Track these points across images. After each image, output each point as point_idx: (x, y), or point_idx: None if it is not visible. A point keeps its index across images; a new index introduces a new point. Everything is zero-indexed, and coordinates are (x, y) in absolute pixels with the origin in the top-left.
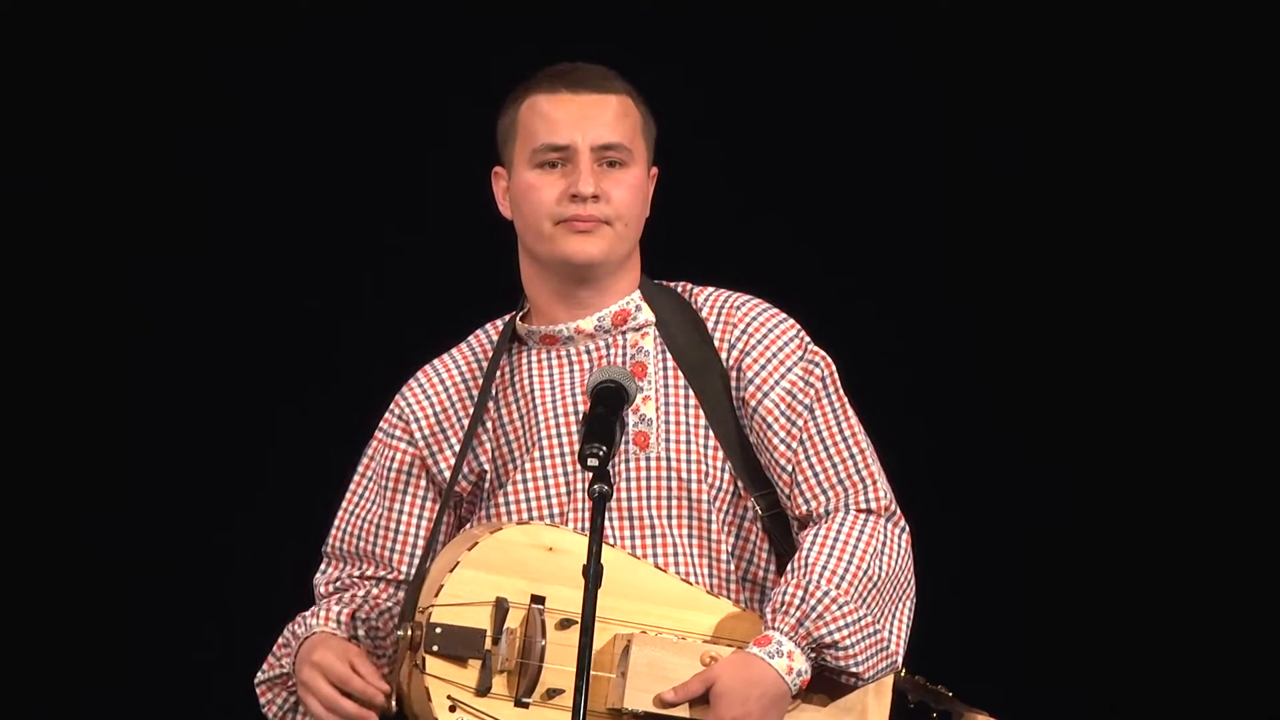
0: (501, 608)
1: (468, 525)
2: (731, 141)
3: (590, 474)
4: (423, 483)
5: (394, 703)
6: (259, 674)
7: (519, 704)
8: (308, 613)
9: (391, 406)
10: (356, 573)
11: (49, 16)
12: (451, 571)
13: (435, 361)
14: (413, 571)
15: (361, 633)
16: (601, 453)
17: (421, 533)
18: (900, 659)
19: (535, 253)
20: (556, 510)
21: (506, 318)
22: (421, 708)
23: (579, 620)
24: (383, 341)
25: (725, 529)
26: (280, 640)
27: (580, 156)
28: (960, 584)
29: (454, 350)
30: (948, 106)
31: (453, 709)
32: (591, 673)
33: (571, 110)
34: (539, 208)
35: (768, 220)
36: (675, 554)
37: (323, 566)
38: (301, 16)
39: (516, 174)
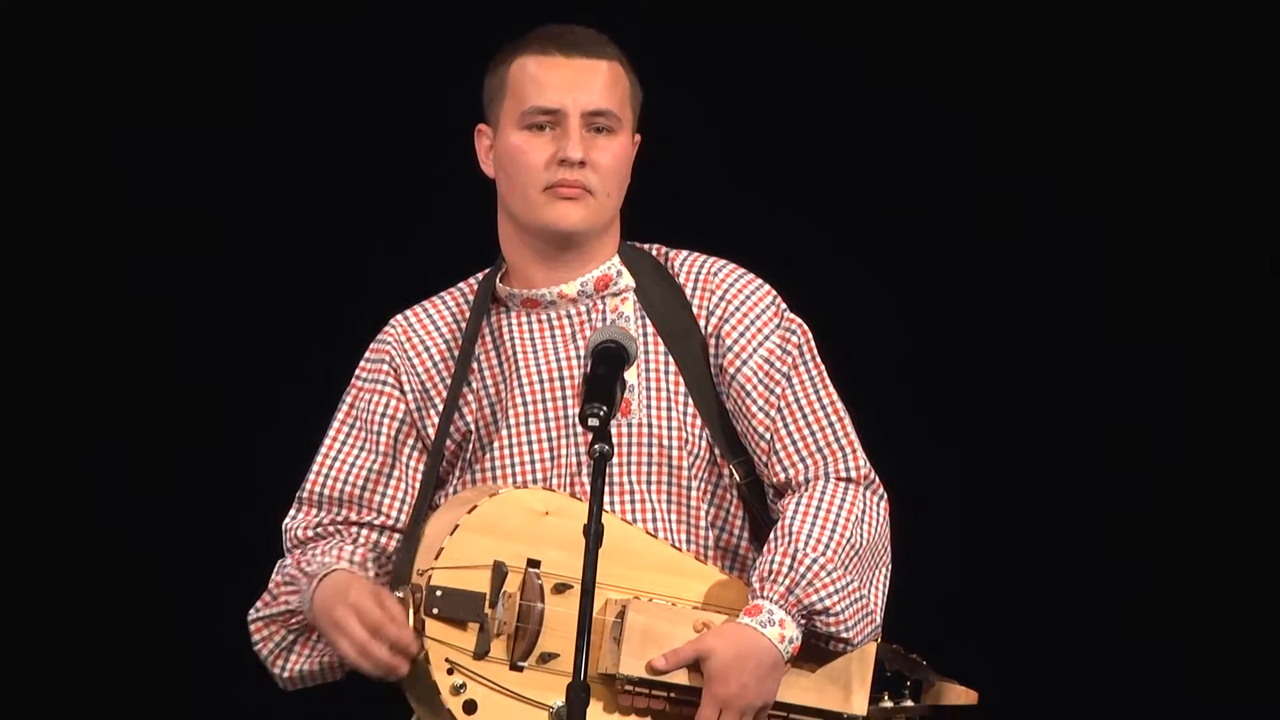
0: (500, 572)
1: (448, 487)
2: (716, 107)
3: (590, 434)
4: (414, 432)
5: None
6: (253, 610)
7: (514, 667)
8: (315, 551)
9: (371, 355)
10: (340, 518)
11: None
12: (451, 534)
13: (410, 316)
14: (403, 518)
15: (372, 575)
16: (602, 413)
17: (411, 482)
18: (880, 625)
19: (517, 216)
20: (540, 475)
21: (481, 276)
22: (419, 669)
23: (574, 584)
24: (361, 296)
25: (703, 496)
26: (280, 579)
27: (570, 121)
28: (940, 556)
29: (428, 305)
30: (936, 83)
31: (450, 671)
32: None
33: (564, 74)
34: (526, 171)
35: (747, 185)
36: (654, 520)
37: (293, 512)
38: None
39: (503, 134)
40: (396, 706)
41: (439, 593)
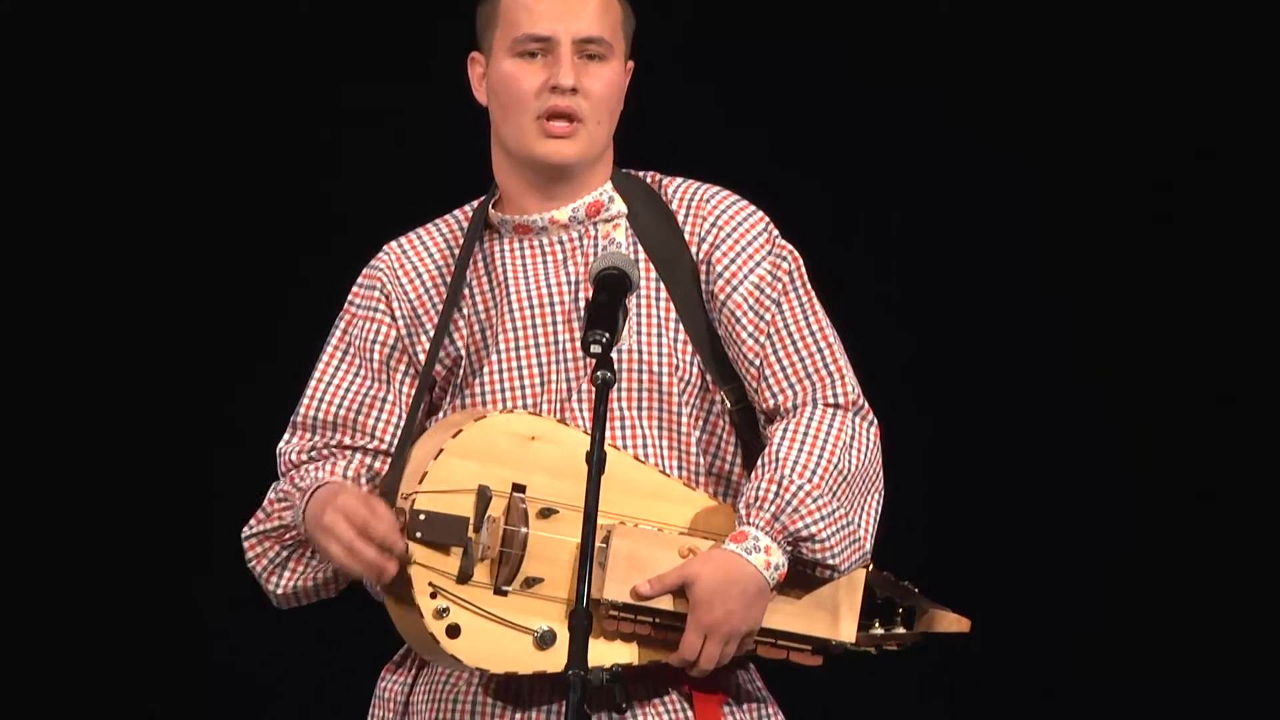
0: (484, 496)
1: (439, 414)
2: (711, 37)
3: (590, 361)
4: (405, 358)
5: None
6: (247, 527)
7: (498, 592)
8: (309, 468)
9: (363, 281)
10: (334, 442)
11: None
12: (435, 459)
13: (404, 242)
14: (395, 444)
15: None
16: (605, 339)
17: (404, 406)
18: (870, 551)
19: (509, 145)
20: (530, 402)
21: (476, 203)
22: (402, 593)
23: (559, 509)
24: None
25: (694, 422)
26: (274, 496)
27: (561, 48)
28: (930, 481)
29: (422, 232)
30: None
31: (434, 595)
32: (569, 563)
33: (555, 1)
34: (518, 99)
35: (742, 117)
36: (645, 446)
37: (288, 436)
38: None
39: (495, 62)
40: (389, 638)
41: (422, 516)
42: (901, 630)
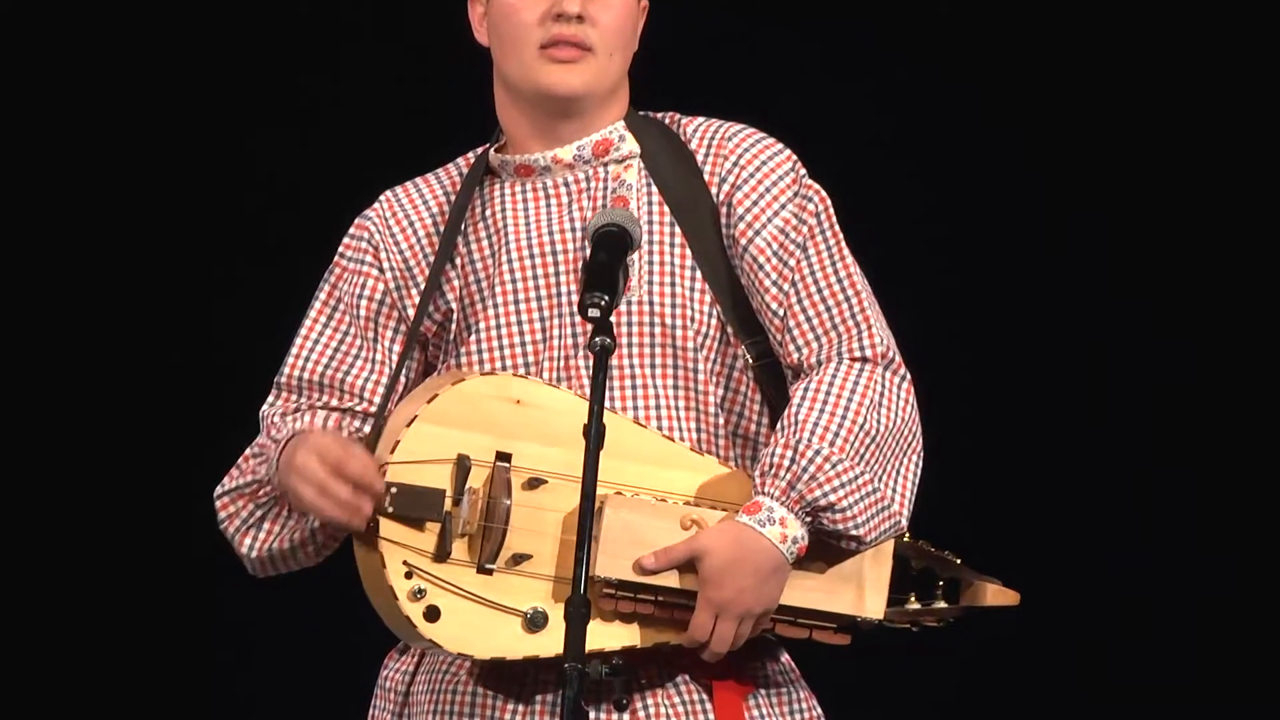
0: (463, 466)
1: (435, 374)
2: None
3: (591, 324)
4: (395, 314)
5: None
6: (219, 487)
7: (482, 570)
8: (289, 417)
9: (353, 232)
10: (319, 403)
11: None
12: (409, 426)
13: (398, 190)
14: (384, 404)
15: None
16: (604, 302)
17: (392, 367)
18: (905, 519)
19: (511, 82)
20: (531, 358)
21: (480, 150)
22: (375, 574)
23: (549, 480)
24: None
25: (713, 379)
26: (249, 452)
27: None
28: (970, 446)
29: (419, 180)
30: None
31: (409, 575)
32: (560, 537)
33: None
34: (519, 30)
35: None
36: (658, 407)
37: (271, 399)
38: None
39: None
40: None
41: (394, 489)
42: (942, 604)
